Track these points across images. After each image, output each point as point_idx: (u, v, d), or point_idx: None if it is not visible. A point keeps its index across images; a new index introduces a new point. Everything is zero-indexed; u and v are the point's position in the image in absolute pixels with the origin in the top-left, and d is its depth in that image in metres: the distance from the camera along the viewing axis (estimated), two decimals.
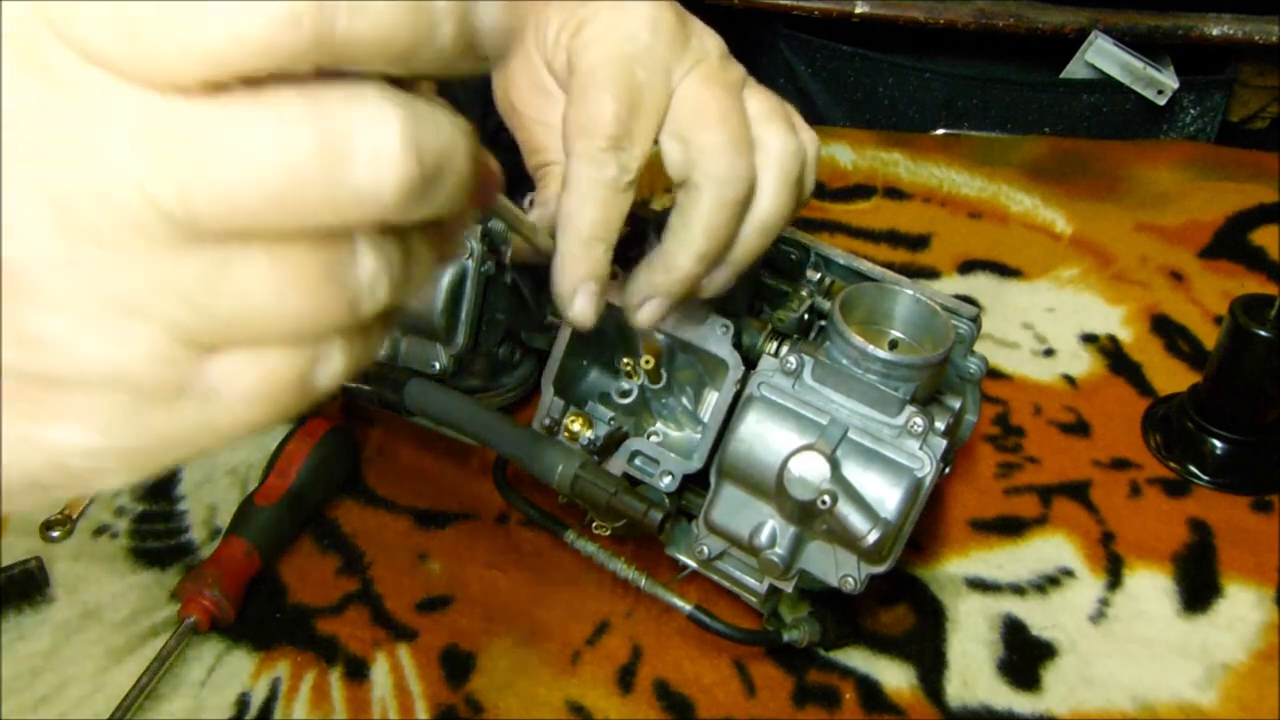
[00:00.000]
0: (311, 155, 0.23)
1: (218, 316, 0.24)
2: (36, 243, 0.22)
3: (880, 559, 0.55)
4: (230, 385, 0.25)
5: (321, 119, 0.23)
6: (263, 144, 0.22)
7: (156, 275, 0.23)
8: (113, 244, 0.22)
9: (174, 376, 0.24)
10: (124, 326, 0.23)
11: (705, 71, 0.50)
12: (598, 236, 0.49)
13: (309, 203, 0.23)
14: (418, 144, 0.24)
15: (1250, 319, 0.70)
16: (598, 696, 0.61)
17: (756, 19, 1.22)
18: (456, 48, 0.25)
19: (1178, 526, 0.71)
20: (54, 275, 0.22)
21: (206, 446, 0.26)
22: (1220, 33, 1.12)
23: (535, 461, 0.60)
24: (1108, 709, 0.61)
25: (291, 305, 0.24)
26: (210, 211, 0.22)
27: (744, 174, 0.50)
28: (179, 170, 0.22)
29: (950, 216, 0.98)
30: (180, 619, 0.62)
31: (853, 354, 0.55)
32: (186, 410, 0.25)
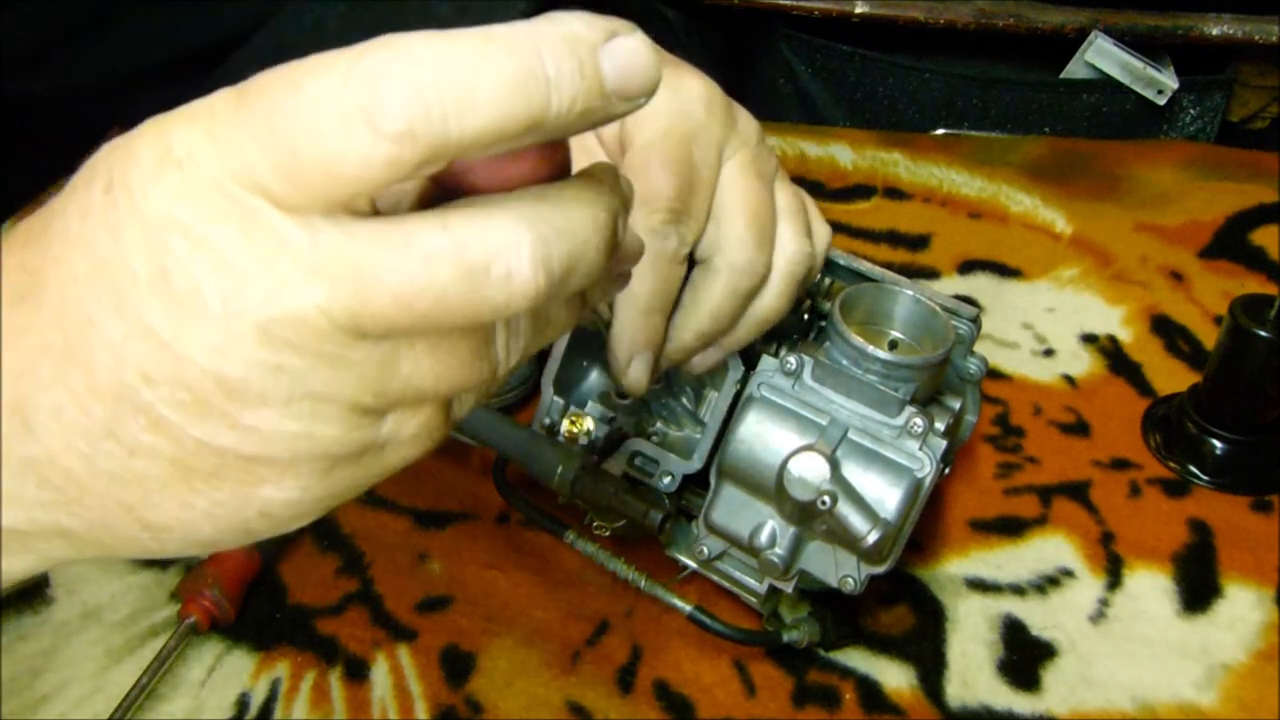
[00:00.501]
0: (453, 284, 0.27)
1: (389, 394, 0.29)
2: (247, 358, 0.27)
3: (880, 559, 0.55)
4: (397, 435, 0.31)
5: (460, 252, 0.27)
6: (412, 278, 0.27)
7: (339, 369, 0.28)
8: (305, 351, 0.27)
9: (357, 441, 0.30)
10: (318, 410, 0.28)
11: (746, 158, 0.52)
12: (655, 307, 0.50)
13: (452, 316, 0.27)
14: (546, 261, 0.28)
15: (1250, 319, 0.70)
16: (598, 696, 0.61)
17: (756, 19, 1.22)
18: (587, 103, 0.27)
19: (1178, 526, 0.71)
20: (262, 379, 0.27)
21: (377, 480, 0.32)
22: (1220, 33, 1.12)
23: (535, 462, 0.60)
24: (1108, 709, 0.61)
25: (445, 379, 0.30)
26: (372, 326, 0.27)
27: (761, 270, 0.52)
28: (345, 298, 0.27)
29: (950, 216, 0.98)
30: (180, 619, 0.62)
31: (852, 354, 0.55)
32: (365, 461, 0.31)
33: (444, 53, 0.26)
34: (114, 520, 0.30)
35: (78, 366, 0.28)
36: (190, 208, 0.27)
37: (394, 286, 0.27)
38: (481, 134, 0.26)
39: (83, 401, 0.28)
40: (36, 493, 0.30)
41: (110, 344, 0.28)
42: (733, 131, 0.52)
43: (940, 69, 1.18)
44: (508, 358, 0.31)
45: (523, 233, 0.27)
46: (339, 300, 0.27)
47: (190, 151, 0.27)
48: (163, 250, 0.27)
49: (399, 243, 0.27)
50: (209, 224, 0.27)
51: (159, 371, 0.28)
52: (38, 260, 0.29)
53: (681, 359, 0.54)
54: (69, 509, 0.30)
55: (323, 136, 0.26)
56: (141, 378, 0.28)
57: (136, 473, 0.29)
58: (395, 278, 0.27)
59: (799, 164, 1.04)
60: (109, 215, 0.28)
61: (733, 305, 0.52)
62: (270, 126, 0.26)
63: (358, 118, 0.25)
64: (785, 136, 1.08)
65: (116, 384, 0.28)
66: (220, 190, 0.27)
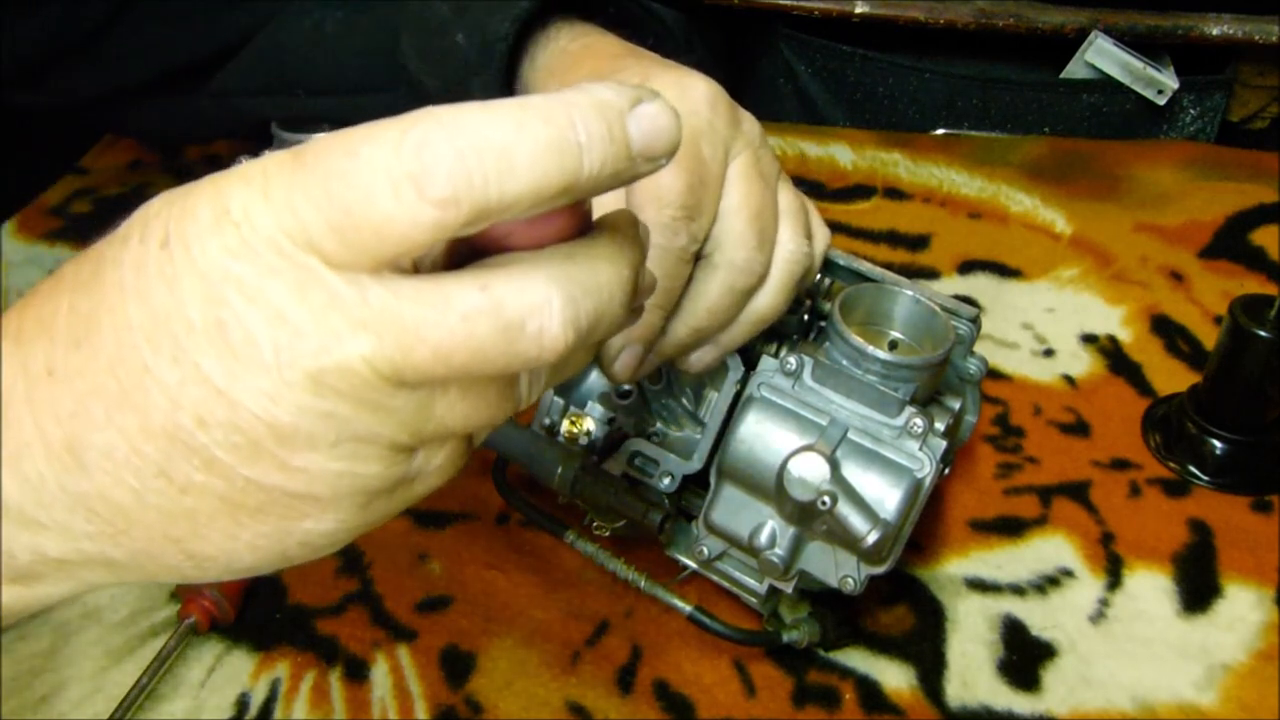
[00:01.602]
0: (489, 339, 0.29)
1: (425, 434, 0.32)
2: (298, 404, 0.29)
3: (880, 559, 0.55)
4: (428, 467, 0.33)
5: (497, 311, 0.29)
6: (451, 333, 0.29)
7: (381, 414, 0.30)
8: (351, 398, 0.29)
9: (394, 476, 0.32)
10: (359, 451, 0.31)
11: (749, 159, 0.52)
12: (658, 304, 0.51)
13: (486, 368, 0.30)
14: (575, 320, 0.30)
15: (1250, 319, 0.70)
16: (598, 697, 0.61)
17: (756, 19, 1.22)
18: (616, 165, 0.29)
19: (1178, 527, 0.71)
20: (311, 425, 0.30)
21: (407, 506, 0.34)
22: (1220, 33, 1.12)
23: (535, 462, 0.60)
24: (1108, 709, 0.61)
25: (474, 419, 0.32)
26: (412, 376, 0.29)
27: (760, 270, 0.52)
28: (389, 351, 0.29)
29: (950, 216, 0.98)
30: (180, 619, 0.62)
31: (852, 355, 0.55)
32: (398, 494, 0.33)
33: (485, 122, 0.28)
34: (159, 550, 0.32)
35: (131, 410, 0.30)
36: (246, 264, 0.29)
37: (434, 341, 0.29)
38: (520, 197, 0.28)
39: (135, 442, 0.30)
40: (85, 525, 0.32)
41: (166, 389, 0.29)
42: (738, 132, 0.53)
43: (940, 69, 1.18)
44: (529, 396, 0.34)
45: (554, 293, 0.29)
46: (384, 353, 0.29)
47: (246, 211, 0.29)
48: (219, 303, 0.29)
49: (440, 301, 0.29)
50: (264, 279, 0.29)
51: (213, 416, 0.29)
52: (90, 307, 0.31)
53: (677, 354, 0.54)
54: (115, 540, 0.32)
55: (375, 200, 0.28)
56: (196, 421, 0.30)
57: (186, 509, 0.31)
58: (436, 333, 0.29)
59: (799, 164, 1.04)
60: (165, 269, 0.29)
61: (730, 302, 0.52)
62: (326, 189, 0.28)
63: (407, 184, 0.27)
64: (785, 136, 1.08)
65: (171, 426, 0.30)
66: (275, 248, 0.29)
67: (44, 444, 0.31)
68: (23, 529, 0.32)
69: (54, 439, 0.31)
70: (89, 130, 1.04)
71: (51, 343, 0.31)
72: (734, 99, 0.55)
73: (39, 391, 0.31)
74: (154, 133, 0.98)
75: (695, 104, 0.51)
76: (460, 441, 0.34)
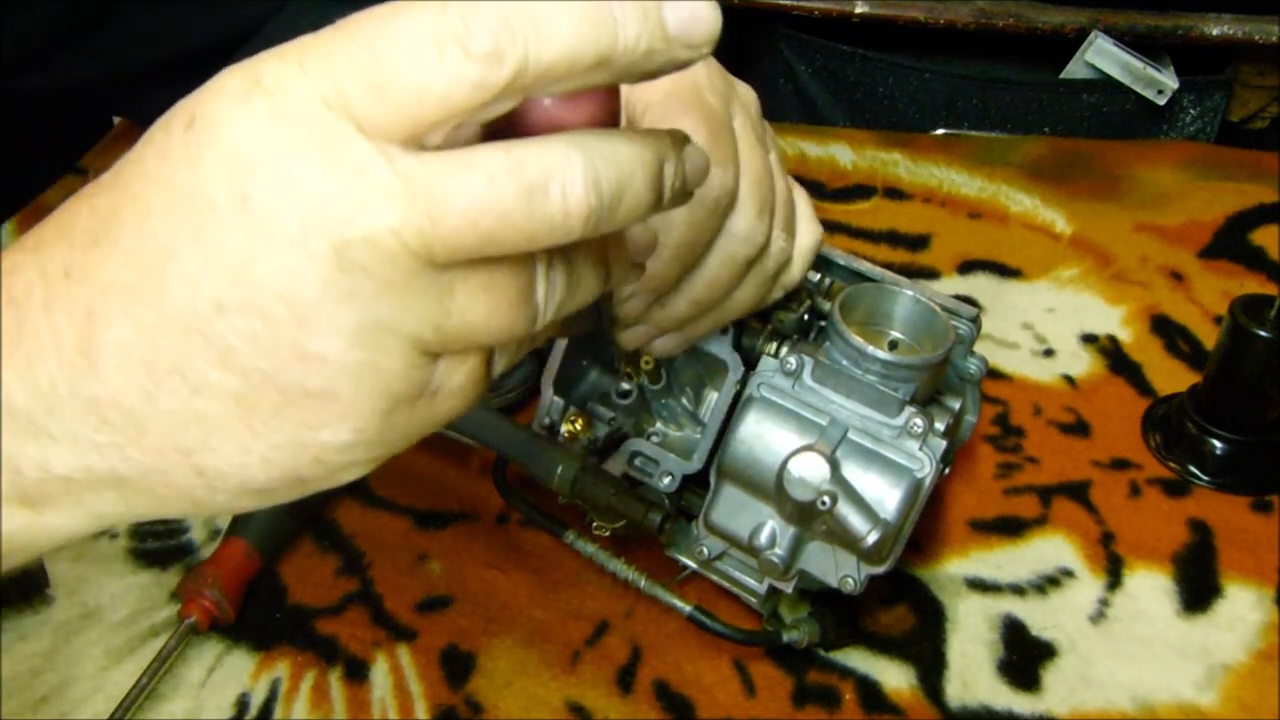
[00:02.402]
0: (515, 200, 0.29)
1: (446, 331, 0.31)
2: (322, 279, 0.28)
3: (880, 559, 0.55)
4: (447, 383, 0.32)
5: (519, 169, 0.29)
6: (478, 195, 0.29)
7: (405, 297, 0.29)
8: (375, 275, 0.29)
9: (415, 380, 0.31)
10: (382, 342, 0.30)
11: (746, 122, 0.51)
12: (679, 257, 0.49)
13: (513, 235, 0.29)
14: (597, 182, 0.30)
15: (1250, 319, 0.70)
16: (597, 697, 0.61)
17: (756, 19, 1.22)
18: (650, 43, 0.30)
19: (1178, 527, 0.71)
20: (334, 304, 0.29)
21: (425, 433, 0.33)
22: (1220, 33, 1.13)
23: (535, 462, 0.60)
24: (1108, 709, 0.61)
25: (495, 320, 0.31)
26: (441, 247, 0.29)
27: (760, 240, 0.51)
28: (419, 219, 0.28)
29: (950, 217, 0.98)
30: (180, 619, 0.62)
31: (852, 355, 0.55)
32: (419, 407, 0.32)
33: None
34: (169, 466, 0.31)
35: (148, 300, 0.29)
36: (275, 134, 0.28)
37: (462, 205, 0.28)
38: (557, 61, 0.28)
39: (151, 335, 0.29)
40: (95, 435, 0.31)
41: (185, 273, 0.29)
42: (734, 93, 0.52)
43: (940, 69, 1.18)
44: (545, 309, 0.33)
45: (574, 154, 0.29)
46: (411, 222, 0.28)
47: (280, 81, 0.29)
48: (244, 177, 0.28)
49: (465, 164, 0.29)
50: (293, 150, 0.28)
51: (233, 298, 0.28)
52: (110, 203, 0.30)
53: (670, 325, 0.53)
54: (125, 453, 0.31)
55: (418, 57, 0.28)
56: (214, 306, 0.29)
57: (198, 412, 0.30)
58: (463, 197, 0.28)
59: (799, 164, 1.04)
60: (189, 150, 0.29)
61: (730, 274, 0.51)
62: (369, 49, 0.28)
63: (451, 41, 0.27)
64: (785, 136, 1.07)
65: (189, 314, 0.29)
66: (307, 116, 0.28)
67: (57, 347, 0.30)
68: (30, 440, 0.31)
69: (67, 341, 0.30)
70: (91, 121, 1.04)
71: (70, 245, 0.30)
72: None
73: (55, 295, 0.30)
74: None
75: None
76: (479, 361, 0.33)
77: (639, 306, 0.51)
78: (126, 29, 0.73)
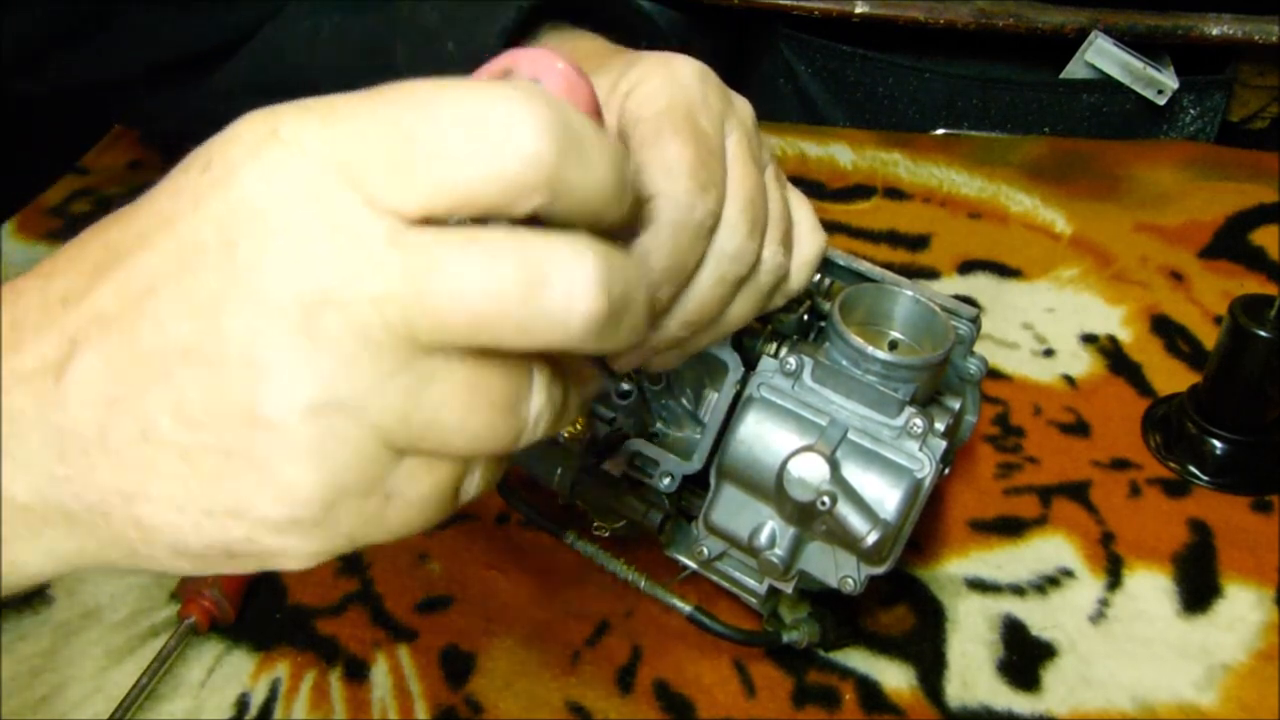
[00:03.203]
0: (513, 284, 0.27)
1: (414, 424, 0.28)
2: (285, 340, 0.27)
3: (880, 560, 0.55)
4: (406, 488, 0.30)
5: (524, 253, 0.27)
6: (474, 270, 0.26)
7: (374, 381, 0.27)
8: (346, 349, 0.27)
9: (369, 474, 0.28)
10: (342, 421, 0.27)
11: (741, 140, 0.50)
12: (667, 281, 0.47)
13: (507, 326, 0.27)
14: (609, 285, 0.27)
15: (1250, 319, 0.70)
16: (597, 697, 0.61)
17: (756, 19, 1.22)
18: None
19: (1178, 527, 0.71)
20: (293, 371, 0.27)
21: (370, 541, 0.30)
22: (1220, 33, 1.13)
23: (535, 462, 0.60)
24: (1108, 709, 0.61)
25: (472, 425, 0.29)
26: (426, 326, 0.27)
27: (751, 259, 0.50)
28: (406, 291, 0.26)
29: (950, 216, 0.98)
30: (180, 619, 0.62)
31: (852, 355, 0.55)
32: (369, 505, 0.29)
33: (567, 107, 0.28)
34: (111, 509, 0.30)
35: (123, 334, 0.28)
36: (280, 187, 0.27)
37: (455, 282, 0.27)
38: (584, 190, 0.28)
39: (117, 370, 0.28)
40: (54, 467, 0.30)
41: (160, 312, 0.28)
42: (730, 110, 0.51)
43: (940, 69, 1.18)
44: (534, 426, 0.31)
45: (590, 251, 0.27)
46: (396, 294, 0.27)
47: (298, 134, 0.28)
48: (237, 225, 0.27)
49: (466, 240, 0.27)
50: (294, 206, 0.27)
51: (198, 346, 0.27)
52: (121, 236, 0.30)
53: (663, 346, 0.51)
54: (74, 488, 0.30)
55: (451, 141, 0.26)
56: (180, 352, 0.28)
57: (143, 459, 0.29)
58: (458, 273, 0.27)
59: (799, 164, 1.04)
60: (200, 191, 0.28)
61: (721, 294, 0.50)
62: (398, 121, 0.27)
63: (494, 131, 0.26)
64: (785, 136, 1.08)
65: (156, 354, 0.28)
66: (317, 174, 0.27)
67: (37, 372, 0.29)
68: None
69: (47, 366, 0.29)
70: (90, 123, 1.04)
71: (76, 273, 0.30)
72: None
73: (49, 319, 0.30)
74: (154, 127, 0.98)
75: (685, 80, 0.49)
76: (449, 475, 0.31)
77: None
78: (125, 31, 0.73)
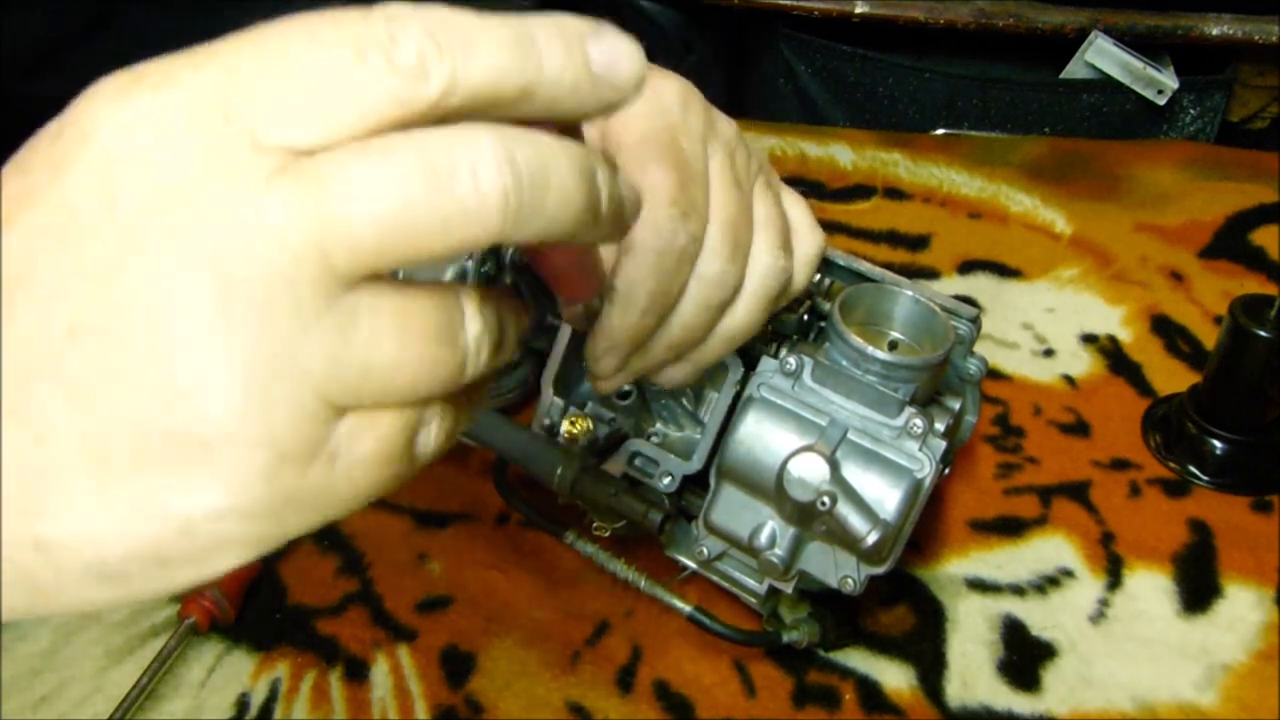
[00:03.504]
0: (418, 178, 0.25)
1: (349, 371, 0.26)
2: (191, 297, 0.24)
3: (880, 560, 0.55)
4: (350, 448, 0.27)
5: (421, 147, 0.25)
6: (375, 174, 0.25)
7: (297, 327, 0.25)
8: (263, 299, 0.24)
9: (308, 435, 0.26)
10: (270, 381, 0.25)
11: (723, 161, 0.50)
12: (652, 308, 0.47)
13: (421, 226, 0.25)
14: (510, 156, 0.26)
15: (1250, 319, 0.70)
16: (598, 697, 0.61)
17: (756, 19, 1.22)
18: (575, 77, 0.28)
19: (1178, 527, 0.71)
20: (209, 326, 0.24)
21: (321, 516, 0.28)
22: (1220, 33, 1.13)
23: (535, 462, 0.60)
24: (1108, 709, 0.61)
25: (409, 359, 0.27)
26: (340, 249, 0.25)
27: (733, 283, 0.49)
28: (309, 216, 0.24)
29: (950, 217, 0.98)
30: (180, 619, 0.62)
31: (852, 355, 0.55)
32: (314, 472, 0.26)
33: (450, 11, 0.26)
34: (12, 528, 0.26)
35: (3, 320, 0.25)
36: (153, 132, 0.25)
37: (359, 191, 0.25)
38: (482, 85, 0.26)
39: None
40: None
41: (35, 295, 0.25)
42: (713, 132, 0.50)
43: (940, 69, 1.18)
44: (477, 353, 0.28)
45: (484, 130, 0.26)
46: (302, 223, 0.25)
47: (167, 75, 0.26)
48: (113, 180, 0.25)
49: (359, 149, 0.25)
50: (172, 148, 0.25)
51: (87, 321, 0.24)
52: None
53: (651, 369, 0.51)
54: None
55: (336, 63, 0.25)
56: (66, 331, 0.24)
57: (40, 466, 0.25)
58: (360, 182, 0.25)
59: (799, 164, 1.04)
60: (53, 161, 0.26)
61: (703, 318, 0.49)
62: (280, 50, 0.25)
63: (375, 49, 0.25)
64: (785, 136, 1.08)
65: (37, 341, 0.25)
66: (191, 114, 0.25)
67: None
68: None
69: None
70: None
71: None
72: (734, 99, 0.54)
73: None
74: None
75: (667, 102, 0.49)
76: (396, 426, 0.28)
77: (614, 362, 0.49)
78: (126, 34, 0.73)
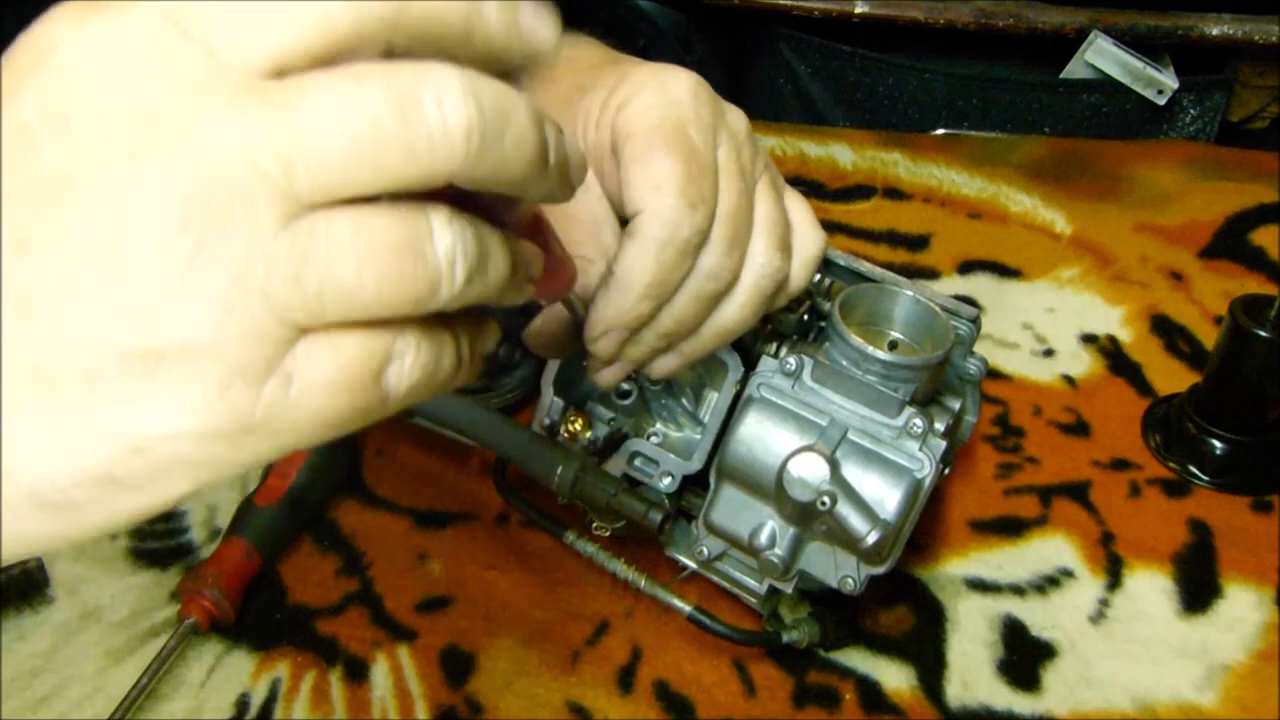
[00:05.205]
0: (385, 104, 0.25)
1: (310, 286, 0.25)
2: (148, 211, 0.24)
3: (880, 560, 0.55)
4: (309, 371, 0.26)
5: (392, 78, 0.25)
6: (344, 102, 0.25)
7: (256, 245, 0.24)
8: (222, 213, 0.24)
9: (264, 351, 0.25)
10: (227, 296, 0.24)
11: (730, 153, 0.50)
12: (651, 296, 0.48)
13: (388, 152, 0.25)
14: (475, 92, 0.26)
15: (1250, 319, 0.70)
16: (598, 697, 0.61)
17: (756, 19, 1.22)
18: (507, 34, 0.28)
19: (1177, 527, 0.71)
20: (163, 241, 0.24)
21: (278, 442, 0.27)
22: (1220, 33, 1.12)
23: (535, 462, 0.60)
24: (1108, 709, 0.61)
25: (373, 274, 0.26)
26: (303, 169, 0.24)
27: (728, 276, 0.50)
28: (276, 134, 0.24)
29: (950, 217, 0.98)
30: (180, 619, 0.62)
31: (852, 355, 0.55)
32: (268, 392, 0.26)
33: None
34: None
35: None
36: (108, 49, 0.25)
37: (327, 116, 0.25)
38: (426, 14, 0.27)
39: None
40: None
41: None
42: (722, 123, 0.51)
43: (940, 69, 1.18)
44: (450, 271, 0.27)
45: (450, 68, 0.26)
46: (269, 141, 0.24)
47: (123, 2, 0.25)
48: (66, 96, 0.25)
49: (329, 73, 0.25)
50: (128, 64, 0.24)
51: (37, 233, 0.24)
52: None
53: (643, 358, 0.52)
54: None
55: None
56: (16, 244, 0.24)
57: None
58: (327, 104, 0.25)
59: (799, 164, 1.04)
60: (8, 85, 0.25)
61: (696, 309, 0.50)
62: None
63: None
64: (785, 136, 1.08)
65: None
66: (151, 31, 0.25)
67: None
68: None
69: None
70: None
71: None
72: (734, 99, 0.54)
73: None
74: None
75: (677, 94, 0.50)
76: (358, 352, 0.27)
77: (613, 344, 0.50)
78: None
